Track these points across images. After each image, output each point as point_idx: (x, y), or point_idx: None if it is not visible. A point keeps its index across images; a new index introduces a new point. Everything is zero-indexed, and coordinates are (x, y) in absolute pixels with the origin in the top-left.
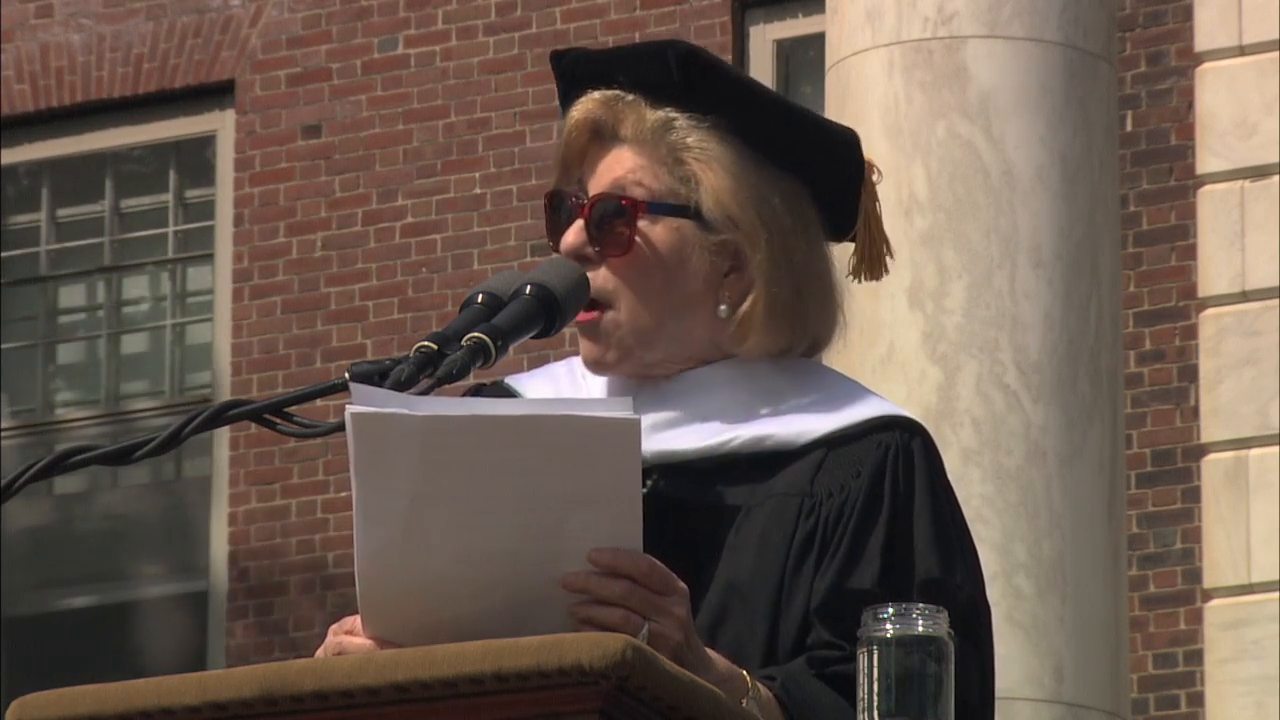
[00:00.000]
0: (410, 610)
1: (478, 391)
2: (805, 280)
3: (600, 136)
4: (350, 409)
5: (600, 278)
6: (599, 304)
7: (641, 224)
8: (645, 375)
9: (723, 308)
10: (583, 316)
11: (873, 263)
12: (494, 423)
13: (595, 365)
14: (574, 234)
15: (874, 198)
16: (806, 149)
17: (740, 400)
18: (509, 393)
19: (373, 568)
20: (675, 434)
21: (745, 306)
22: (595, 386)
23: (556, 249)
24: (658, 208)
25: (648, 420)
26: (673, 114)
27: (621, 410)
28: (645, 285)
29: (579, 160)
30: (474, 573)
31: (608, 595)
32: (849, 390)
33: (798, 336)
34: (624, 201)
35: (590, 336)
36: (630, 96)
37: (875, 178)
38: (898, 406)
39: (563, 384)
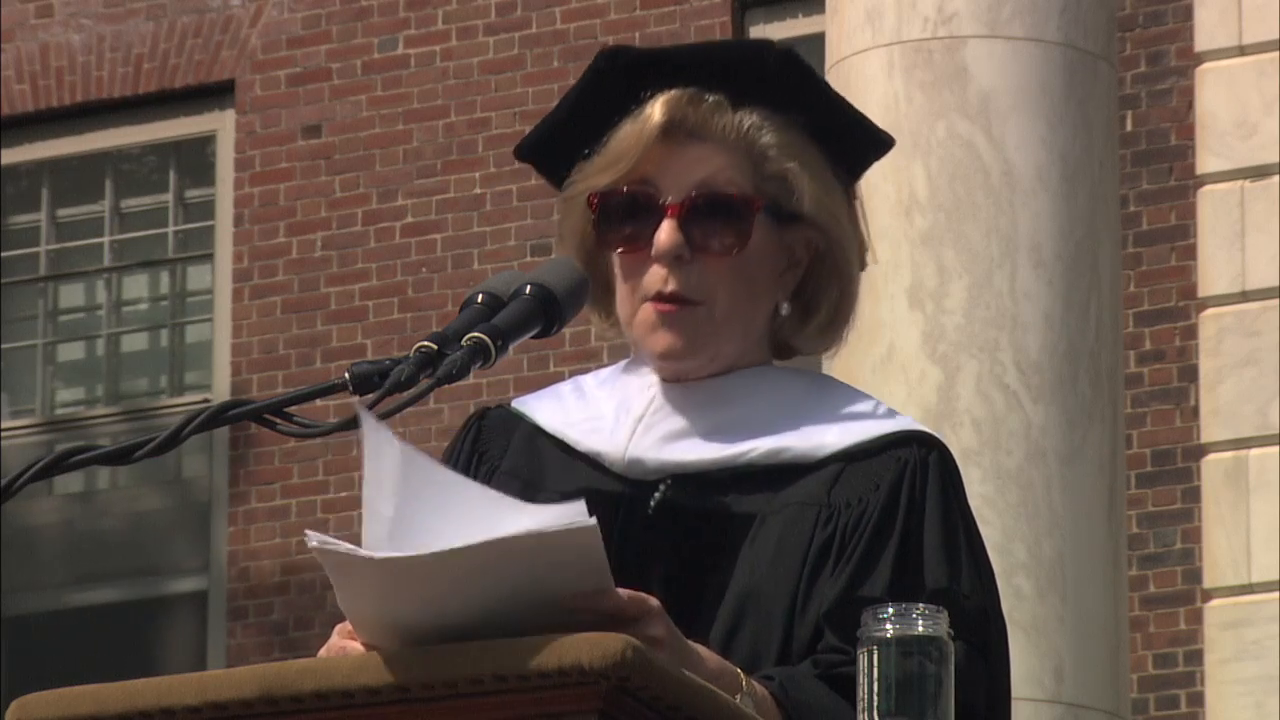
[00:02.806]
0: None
1: (483, 417)
2: (858, 281)
3: (671, 136)
4: (311, 540)
5: (694, 276)
6: (685, 300)
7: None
8: (675, 380)
9: (785, 305)
10: (663, 307)
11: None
12: (451, 555)
13: (670, 355)
14: (668, 233)
15: (856, 195)
16: (858, 154)
17: (760, 412)
18: (515, 416)
19: (359, 625)
20: (692, 444)
21: (827, 302)
22: (603, 402)
23: (624, 251)
24: (769, 206)
25: (664, 429)
26: (758, 114)
27: (577, 517)
28: (739, 283)
29: (642, 159)
30: (454, 636)
31: None
32: (868, 405)
33: (839, 336)
34: (733, 199)
35: (669, 327)
36: (713, 96)
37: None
38: (916, 422)
39: (570, 404)
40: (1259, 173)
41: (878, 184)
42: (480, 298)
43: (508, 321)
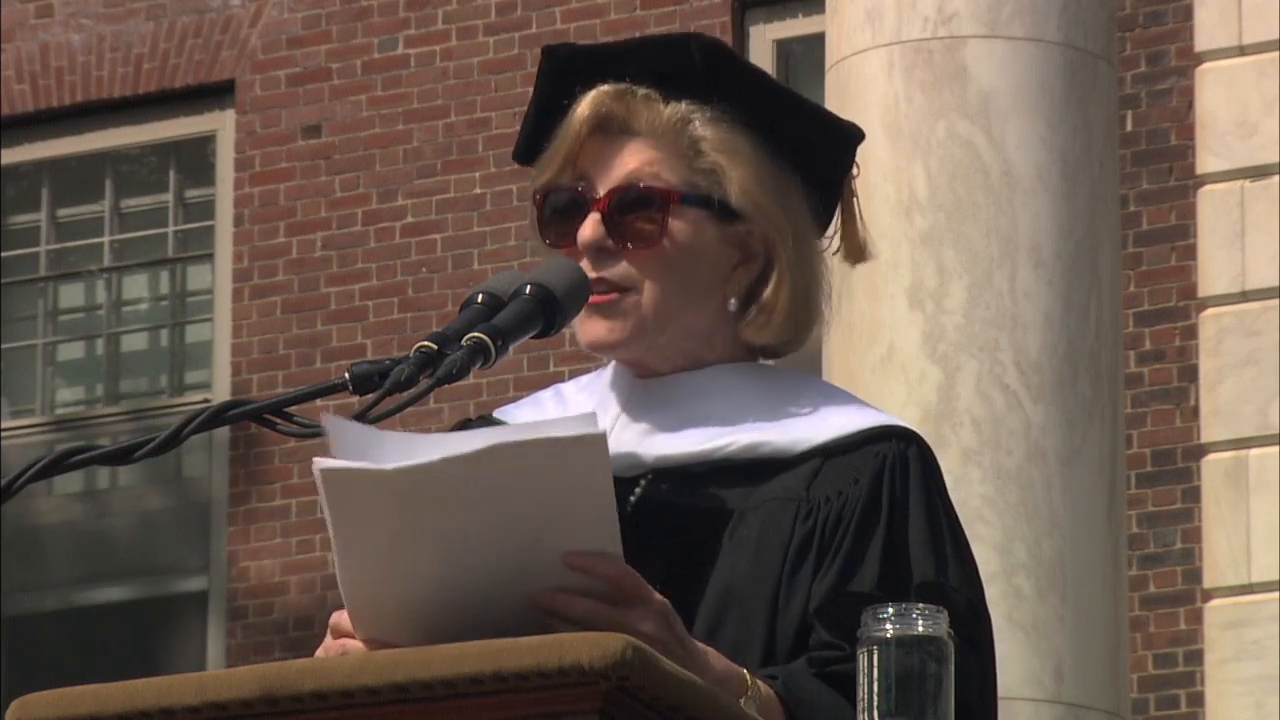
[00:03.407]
0: (398, 630)
1: (464, 426)
2: (815, 274)
3: (606, 130)
4: (318, 465)
5: (619, 270)
6: (616, 290)
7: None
8: (640, 374)
9: (733, 301)
10: (597, 298)
11: (857, 249)
12: (461, 461)
13: (602, 345)
14: (591, 227)
15: (853, 192)
16: (813, 145)
17: (737, 406)
18: (496, 425)
19: (358, 595)
20: (670, 438)
21: (767, 296)
22: (582, 406)
23: (554, 246)
24: (689, 199)
25: (643, 424)
26: (689, 106)
27: (587, 427)
28: (669, 276)
29: (577, 155)
30: (455, 595)
31: (571, 614)
32: (845, 401)
33: (803, 331)
34: (651, 191)
35: (604, 315)
36: (643, 90)
37: (855, 172)
38: (894, 416)
39: (549, 409)
40: (1259, 173)
41: (878, 184)
42: (480, 298)
43: (508, 321)
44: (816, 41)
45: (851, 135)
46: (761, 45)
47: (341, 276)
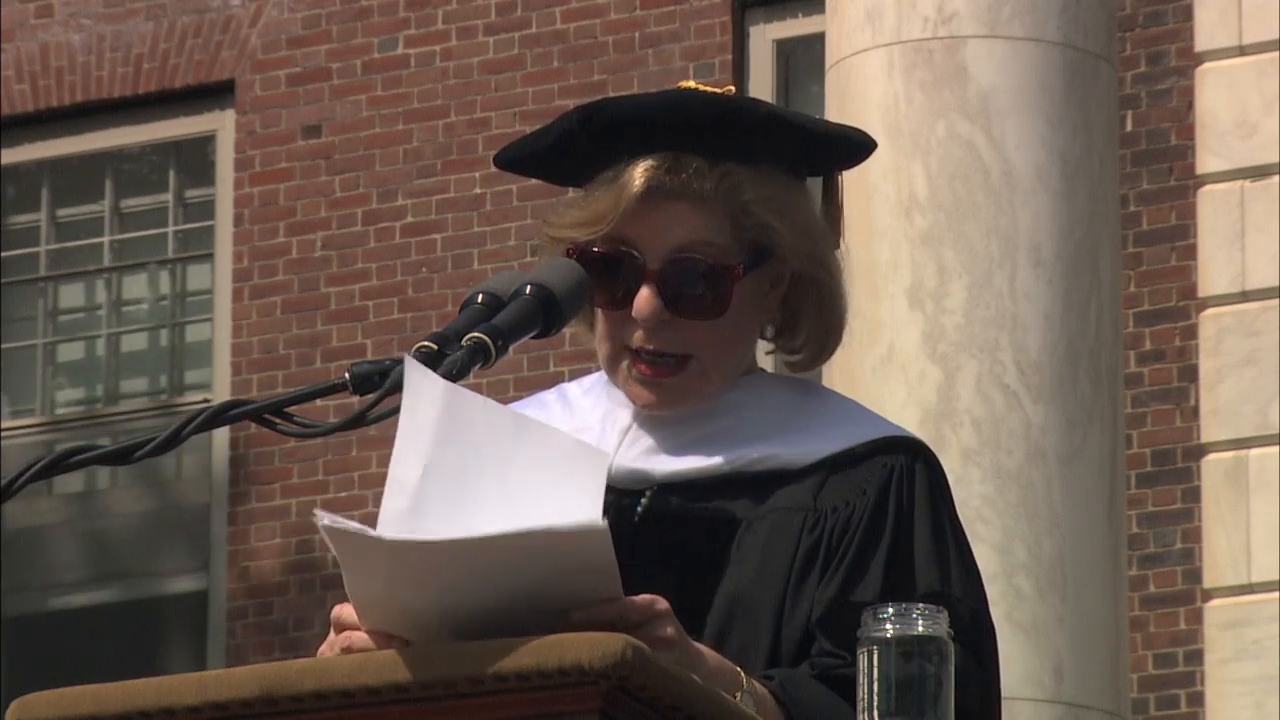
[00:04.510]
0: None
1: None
2: (845, 295)
3: (651, 196)
4: (323, 522)
5: (677, 341)
6: (674, 358)
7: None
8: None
9: (769, 329)
10: (654, 371)
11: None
12: (462, 546)
13: (656, 407)
14: (648, 302)
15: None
16: (841, 168)
17: (745, 422)
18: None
19: (362, 604)
20: (680, 454)
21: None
22: (589, 412)
23: (605, 309)
24: (749, 266)
25: (653, 438)
26: (735, 169)
27: (590, 514)
28: (726, 336)
29: (620, 221)
30: (459, 617)
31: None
32: (853, 412)
33: (834, 349)
34: (714, 267)
35: (662, 386)
36: (691, 159)
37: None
38: (901, 428)
39: (554, 411)
40: (1259, 173)
41: (878, 184)
42: (480, 298)
43: (508, 321)
44: (816, 41)
45: (868, 148)
46: (761, 45)
47: (341, 276)
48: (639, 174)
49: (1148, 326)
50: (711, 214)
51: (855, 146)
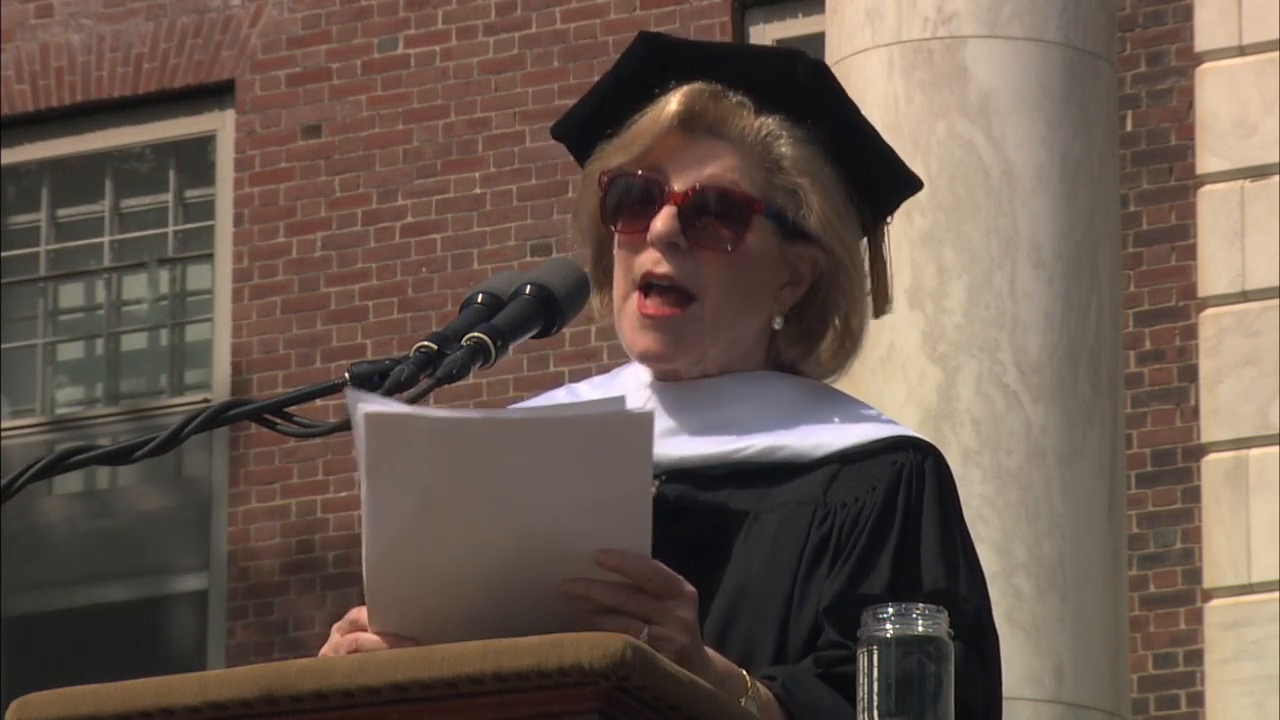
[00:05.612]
0: (417, 604)
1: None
2: (867, 306)
3: (690, 129)
4: (364, 408)
5: (688, 269)
6: (680, 294)
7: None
8: (662, 377)
9: (779, 320)
10: (656, 310)
11: (884, 296)
12: (505, 425)
13: (655, 357)
14: (666, 221)
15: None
16: (881, 186)
17: (757, 412)
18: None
19: (381, 562)
20: (689, 440)
21: (855, 325)
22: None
23: (620, 232)
24: (770, 213)
25: (662, 426)
26: (780, 122)
27: (635, 405)
28: (733, 285)
29: (654, 146)
30: (481, 571)
31: (607, 602)
32: (864, 412)
33: (854, 356)
34: (736, 197)
35: (662, 329)
36: (737, 96)
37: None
38: (912, 429)
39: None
40: (1259, 173)
41: None
42: (480, 298)
43: (508, 321)
44: (816, 41)
45: (913, 185)
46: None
47: (341, 276)
48: (680, 95)
49: (1148, 326)
50: (746, 158)
51: (898, 171)
